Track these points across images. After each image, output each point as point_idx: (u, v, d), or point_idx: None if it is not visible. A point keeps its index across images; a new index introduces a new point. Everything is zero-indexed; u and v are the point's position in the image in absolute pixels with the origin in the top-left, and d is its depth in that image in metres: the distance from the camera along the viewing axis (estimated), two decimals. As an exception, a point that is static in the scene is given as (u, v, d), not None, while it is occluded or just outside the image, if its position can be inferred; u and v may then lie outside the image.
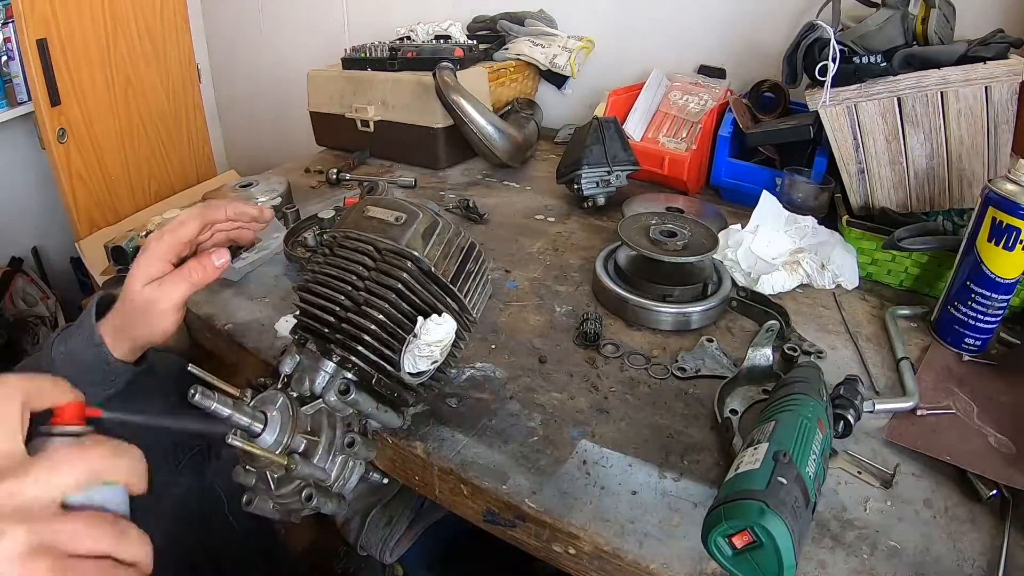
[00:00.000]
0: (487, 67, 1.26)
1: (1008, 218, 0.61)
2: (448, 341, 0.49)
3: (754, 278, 0.77)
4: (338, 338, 0.48)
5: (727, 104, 1.07)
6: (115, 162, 1.77)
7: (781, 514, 0.36)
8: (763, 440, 0.43)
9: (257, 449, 0.40)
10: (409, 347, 0.47)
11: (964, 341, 0.68)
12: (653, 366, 0.65)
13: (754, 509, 0.37)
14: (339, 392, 0.46)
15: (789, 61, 0.93)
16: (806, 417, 0.46)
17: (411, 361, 0.48)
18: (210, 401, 0.39)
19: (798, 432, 0.44)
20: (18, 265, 1.81)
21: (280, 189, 1.02)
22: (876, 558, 0.46)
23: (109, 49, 1.70)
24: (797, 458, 0.41)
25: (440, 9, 1.50)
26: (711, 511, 0.39)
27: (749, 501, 0.37)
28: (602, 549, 0.47)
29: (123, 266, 0.85)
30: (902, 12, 0.86)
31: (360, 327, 0.47)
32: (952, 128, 0.81)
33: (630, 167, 0.99)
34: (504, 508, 0.51)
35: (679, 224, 0.77)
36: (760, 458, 0.41)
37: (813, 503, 0.41)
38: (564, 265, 0.85)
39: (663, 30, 1.29)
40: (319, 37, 1.82)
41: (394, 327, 0.47)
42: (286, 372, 0.48)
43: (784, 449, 0.41)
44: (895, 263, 0.80)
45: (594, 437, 0.57)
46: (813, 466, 0.42)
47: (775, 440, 0.43)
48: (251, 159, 2.20)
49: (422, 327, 0.47)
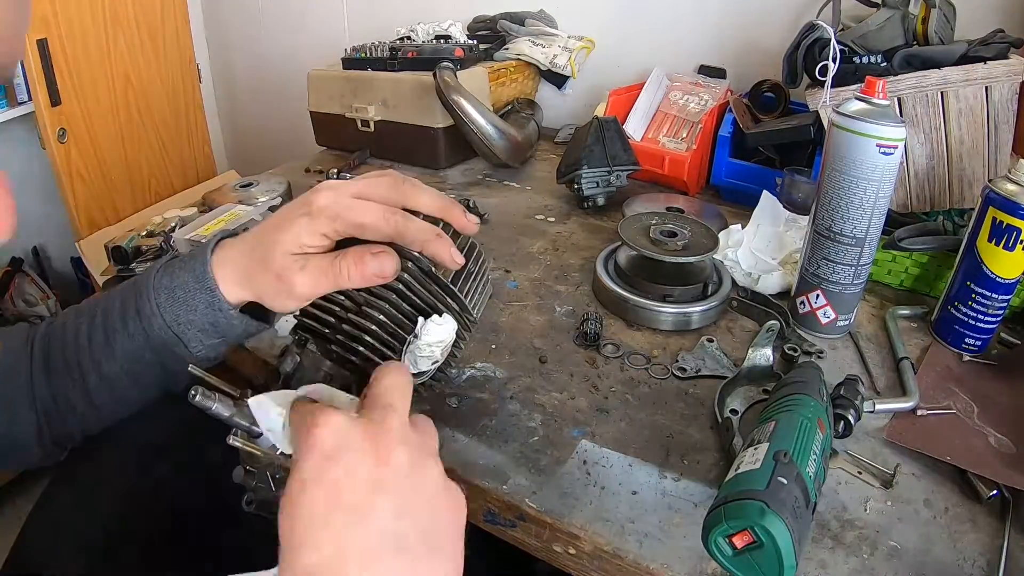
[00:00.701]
0: (487, 67, 1.26)
1: (1008, 218, 0.61)
2: (449, 341, 0.49)
3: (754, 278, 0.77)
4: (339, 339, 0.47)
5: (727, 104, 1.07)
6: (115, 162, 1.77)
7: (781, 514, 0.36)
8: (763, 440, 0.43)
9: (258, 450, 0.40)
10: (410, 347, 0.47)
11: (964, 341, 0.68)
12: (653, 366, 0.66)
13: (754, 509, 0.37)
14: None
15: (789, 61, 0.93)
16: (806, 417, 0.46)
17: (412, 361, 0.48)
18: (211, 402, 0.39)
19: (798, 432, 0.44)
20: (18, 265, 1.81)
21: (280, 189, 1.02)
22: (876, 558, 0.46)
23: (109, 49, 1.70)
24: (797, 458, 0.41)
25: (440, 9, 1.51)
26: (711, 511, 0.40)
27: (749, 501, 0.37)
28: (602, 549, 0.47)
29: (123, 266, 0.85)
30: (902, 12, 0.86)
31: (361, 328, 0.47)
32: (952, 128, 0.81)
33: (630, 167, 0.99)
34: (504, 508, 0.52)
35: (679, 224, 0.77)
36: (760, 458, 0.41)
37: (813, 503, 0.41)
38: (564, 265, 0.85)
39: (663, 30, 1.29)
40: (319, 37, 1.82)
41: (394, 327, 0.47)
42: (286, 372, 0.48)
43: (784, 449, 0.41)
44: (895, 263, 0.80)
45: (594, 437, 0.57)
46: (813, 466, 0.42)
47: (775, 440, 0.43)
48: (251, 159, 2.20)
49: (423, 327, 0.47)
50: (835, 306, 0.69)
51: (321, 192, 0.45)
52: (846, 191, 0.63)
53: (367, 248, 0.44)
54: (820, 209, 0.67)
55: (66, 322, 0.51)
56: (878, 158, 0.61)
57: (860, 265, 0.66)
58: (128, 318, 0.49)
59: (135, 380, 0.50)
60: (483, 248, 0.55)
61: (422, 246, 0.45)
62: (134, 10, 1.75)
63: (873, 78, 0.62)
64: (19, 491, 1.63)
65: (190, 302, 0.48)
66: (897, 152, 0.61)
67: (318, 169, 1.21)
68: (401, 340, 0.48)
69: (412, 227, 0.44)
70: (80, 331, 0.50)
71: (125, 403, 0.51)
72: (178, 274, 0.49)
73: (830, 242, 0.66)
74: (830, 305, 0.69)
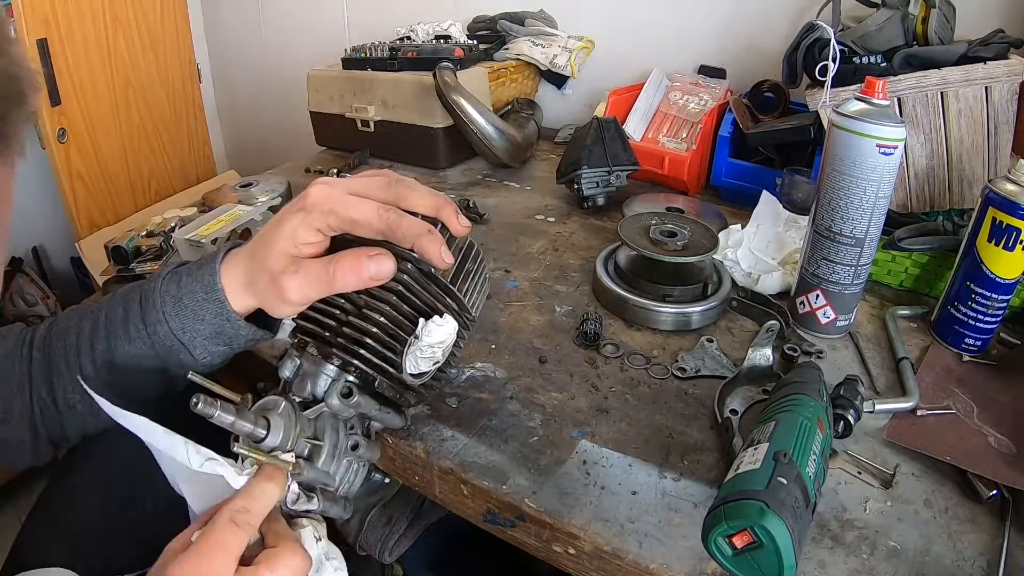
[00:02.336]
0: (487, 67, 1.26)
1: (1008, 218, 0.61)
2: (450, 342, 0.49)
3: (754, 278, 0.77)
4: (339, 342, 0.47)
5: (727, 104, 1.07)
6: (115, 162, 1.77)
7: (781, 514, 0.36)
8: (763, 440, 0.43)
9: (262, 456, 0.40)
10: (411, 349, 0.47)
11: (964, 341, 0.68)
12: (653, 366, 0.66)
13: (754, 509, 0.37)
14: (342, 396, 0.46)
15: (789, 61, 0.93)
16: (806, 417, 0.46)
17: (413, 362, 0.48)
18: (212, 409, 0.38)
19: (798, 432, 0.44)
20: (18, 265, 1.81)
21: (280, 189, 1.02)
22: (876, 558, 0.46)
23: (109, 49, 1.70)
24: (797, 458, 0.41)
25: (440, 9, 1.51)
26: (711, 511, 0.40)
27: (749, 501, 0.37)
28: (602, 549, 0.47)
29: (123, 266, 0.85)
30: (902, 12, 0.86)
31: (362, 330, 0.47)
32: (952, 128, 0.81)
33: (630, 167, 0.99)
34: (504, 508, 0.52)
35: (679, 224, 0.77)
36: (760, 458, 0.41)
37: (813, 503, 0.41)
38: (564, 265, 0.85)
39: (663, 30, 1.29)
40: (319, 37, 1.82)
41: (395, 329, 0.47)
42: (287, 376, 0.48)
43: (784, 449, 0.41)
44: (895, 263, 0.80)
45: (594, 437, 0.57)
46: (813, 466, 0.42)
47: (775, 440, 0.43)
48: (251, 159, 2.20)
49: (423, 328, 0.47)
50: (835, 306, 0.69)
51: (315, 187, 0.45)
52: (846, 191, 0.63)
53: (364, 251, 0.44)
54: (820, 209, 0.67)
55: (68, 324, 0.51)
56: (878, 158, 0.61)
57: (860, 265, 0.66)
58: (132, 324, 0.49)
59: (137, 383, 0.50)
60: (482, 248, 0.55)
61: (413, 242, 0.45)
62: (134, 10, 1.75)
63: (873, 78, 0.62)
64: (19, 491, 1.63)
65: (198, 312, 0.48)
66: (897, 152, 0.61)
67: (318, 169, 1.21)
68: (402, 341, 0.48)
69: (404, 223, 0.44)
70: (83, 333, 0.50)
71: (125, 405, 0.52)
72: (185, 283, 0.49)
73: (830, 242, 0.66)
74: (830, 305, 0.69)
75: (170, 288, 0.49)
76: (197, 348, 0.49)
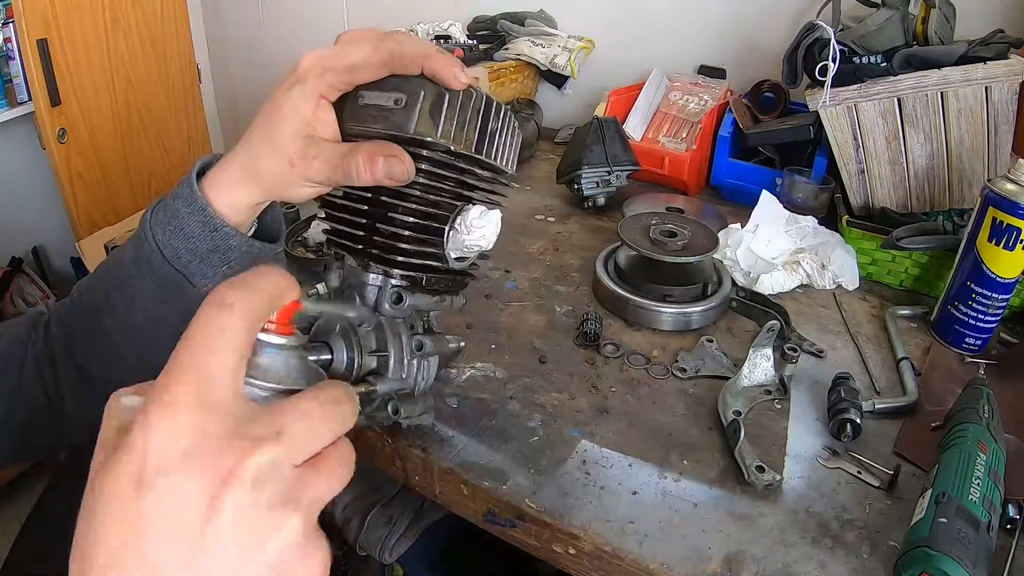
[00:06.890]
0: (487, 67, 1.26)
1: (1008, 218, 0.61)
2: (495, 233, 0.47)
3: (754, 278, 0.77)
4: (373, 252, 0.45)
5: (727, 104, 1.07)
6: (115, 162, 1.77)
7: (945, 551, 0.41)
8: (928, 487, 0.47)
9: None
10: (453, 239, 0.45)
11: (964, 341, 0.68)
12: (653, 366, 0.66)
13: (920, 556, 0.42)
14: (392, 303, 0.44)
15: (789, 61, 0.93)
16: (965, 448, 0.48)
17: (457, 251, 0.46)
18: None
19: (957, 466, 0.47)
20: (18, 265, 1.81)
21: (280, 189, 1.01)
22: (876, 558, 0.46)
23: (109, 49, 1.70)
24: (957, 492, 0.45)
25: (440, 9, 1.50)
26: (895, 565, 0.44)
27: (915, 550, 0.42)
28: (602, 549, 0.47)
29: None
30: (902, 12, 0.86)
31: (393, 236, 0.44)
32: (952, 128, 0.81)
33: (630, 167, 0.99)
34: (504, 508, 0.52)
35: (679, 224, 0.77)
36: (925, 506, 0.45)
37: (987, 521, 0.44)
38: (564, 265, 0.85)
39: (663, 30, 1.29)
40: (319, 37, 1.81)
41: (428, 222, 0.45)
42: (334, 286, 0.47)
43: (942, 490, 0.45)
44: (895, 263, 0.80)
45: (594, 437, 0.57)
46: (978, 491, 0.45)
47: (936, 484, 0.46)
48: (251, 159, 2.20)
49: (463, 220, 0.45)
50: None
51: (302, 59, 0.44)
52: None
53: (380, 147, 0.41)
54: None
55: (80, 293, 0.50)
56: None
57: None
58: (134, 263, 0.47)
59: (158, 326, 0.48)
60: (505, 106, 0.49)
61: (423, 64, 0.41)
62: (134, 11, 1.75)
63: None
64: (19, 491, 1.63)
65: (185, 229, 0.46)
66: None
67: (318, 169, 1.21)
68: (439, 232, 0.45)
69: (408, 47, 0.41)
70: (95, 291, 0.49)
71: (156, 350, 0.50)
72: (169, 204, 0.47)
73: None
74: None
75: (158, 216, 0.47)
76: (195, 274, 0.47)
